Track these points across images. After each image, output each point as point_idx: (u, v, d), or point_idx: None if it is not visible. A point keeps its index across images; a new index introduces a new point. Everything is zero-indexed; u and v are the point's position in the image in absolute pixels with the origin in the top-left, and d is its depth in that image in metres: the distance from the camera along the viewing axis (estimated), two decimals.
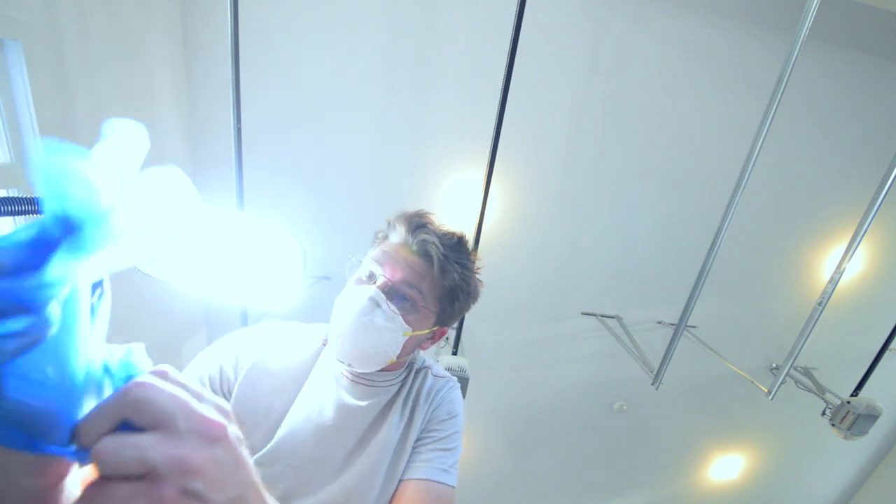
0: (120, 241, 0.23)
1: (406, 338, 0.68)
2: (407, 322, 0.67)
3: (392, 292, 0.67)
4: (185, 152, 2.25)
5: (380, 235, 0.74)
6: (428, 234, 0.67)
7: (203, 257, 0.49)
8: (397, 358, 0.69)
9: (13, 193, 1.39)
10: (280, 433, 0.66)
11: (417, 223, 0.68)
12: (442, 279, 0.68)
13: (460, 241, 0.71)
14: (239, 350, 0.71)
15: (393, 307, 0.66)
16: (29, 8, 1.33)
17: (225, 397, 0.67)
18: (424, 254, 0.67)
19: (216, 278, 0.50)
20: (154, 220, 0.23)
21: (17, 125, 1.36)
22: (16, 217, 0.59)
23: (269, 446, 0.65)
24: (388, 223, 0.73)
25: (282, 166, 2.34)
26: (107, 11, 1.62)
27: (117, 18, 1.68)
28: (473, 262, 0.73)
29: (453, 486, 0.69)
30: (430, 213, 0.71)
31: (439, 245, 0.67)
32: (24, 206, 0.40)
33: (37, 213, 0.41)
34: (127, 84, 1.77)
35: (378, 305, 0.65)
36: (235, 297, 0.52)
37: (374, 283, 0.67)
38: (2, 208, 0.38)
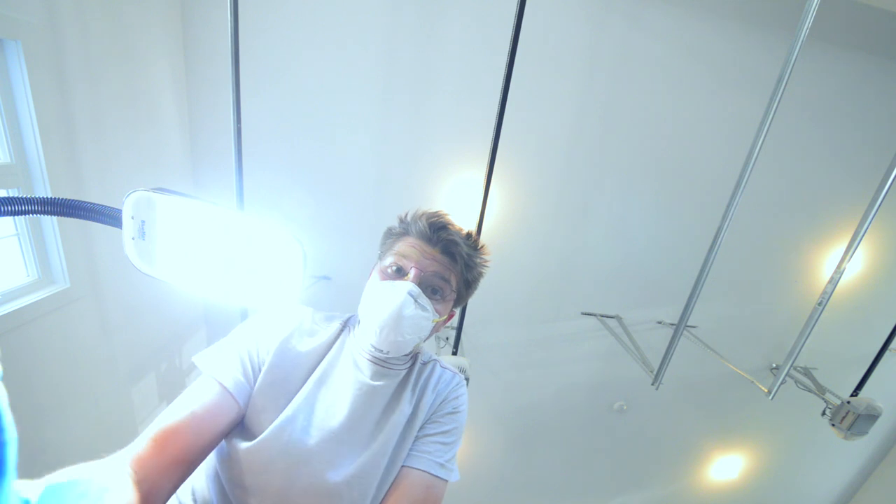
0: None
1: (434, 324, 0.77)
2: (436, 311, 0.76)
3: (423, 285, 0.75)
4: (185, 152, 2.25)
5: (395, 231, 0.81)
6: (451, 234, 0.76)
7: (203, 257, 0.49)
8: (424, 341, 0.78)
9: (13, 193, 1.39)
10: (294, 404, 0.71)
11: (439, 223, 0.77)
12: (466, 273, 0.78)
13: (470, 237, 0.82)
14: (269, 331, 0.77)
15: (427, 301, 0.74)
16: (29, 8, 1.33)
17: (255, 371, 0.73)
18: (449, 251, 0.76)
19: (216, 278, 0.50)
20: None
21: (17, 125, 1.36)
22: (16, 217, 0.59)
23: (283, 415, 0.70)
24: (403, 221, 0.81)
25: (282, 165, 2.35)
26: (107, 11, 1.62)
27: (117, 18, 1.68)
28: (483, 256, 0.83)
29: (446, 481, 0.75)
30: (447, 214, 0.80)
31: (462, 244, 0.77)
32: (24, 206, 0.40)
33: (35, 213, 0.41)
34: (127, 84, 1.77)
35: (415, 299, 0.73)
36: (235, 297, 0.52)
37: (405, 277, 0.75)
38: (2, 208, 0.38)
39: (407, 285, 0.72)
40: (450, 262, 0.76)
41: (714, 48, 2.34)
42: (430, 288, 0.75)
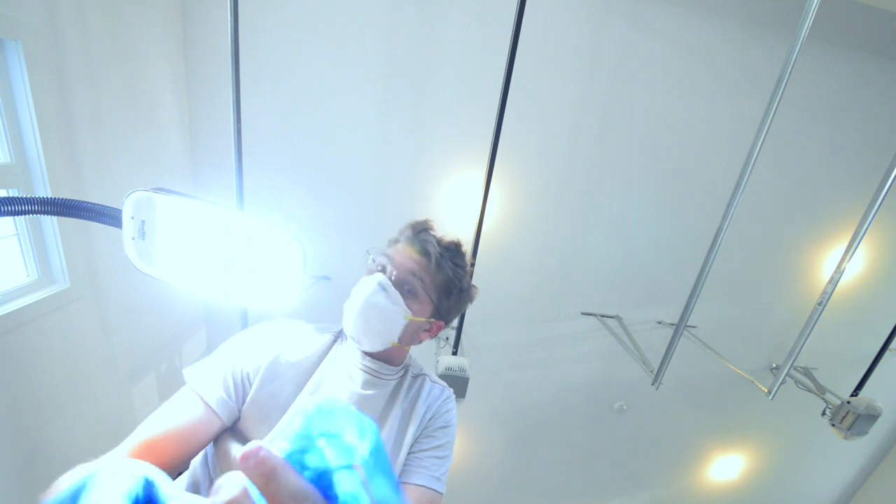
0: None
1: (407, 321, 0.77)
2: (409, 307, 0.77)
3: (397, 282, 0.77)
4: (185, 152, 2.25)
5: (392, 240, 0.86)
6: (428, 236, 0.80)
7: (203, 257, 0.49)
8: (399, 341, 0.78)
9: (13, 193, 1.39)
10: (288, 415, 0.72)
11: (421, 228, 0.81)
12: (437, 272, 0.79)
13: (457, 245, 0.84)
14: (260, 345, 0.78)
15: (396, 293, 0.76)
16: (29, 8, 1.33)
17: (243, 387, 0.74)
18: (425, 251, 0.79)
19: (216, 278, 0.50)
20: None
21: (17, 125, 1.36)
22: (16, 217, 0.60)
23: (277, 427, 0.70)
24: (400, 231, 0.85)
25: (282, 165, 2.35)
26: (107, 11, 1.62)
27: (117, 18, 1.68)
28: (466, 264, 0.84)
29: (443, 494, 0.78)
30: (432, 221, 0.84)
31: (437, 245, 0.79)
32: (24, 206, 0.40)
33: (35, 213, 0.41)
34: (127, 84, 1.77)
35: (384, 289, 0.76)
36: (236, 298, 0.52)
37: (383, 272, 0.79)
38: (2, 208, 0.38)
39: (378, 276, 0.77)
40: (425, 262, 0.79)
41: (714, 48, 2.34)
42: (402, 284, 0.78)
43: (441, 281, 0.80)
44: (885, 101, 2.51)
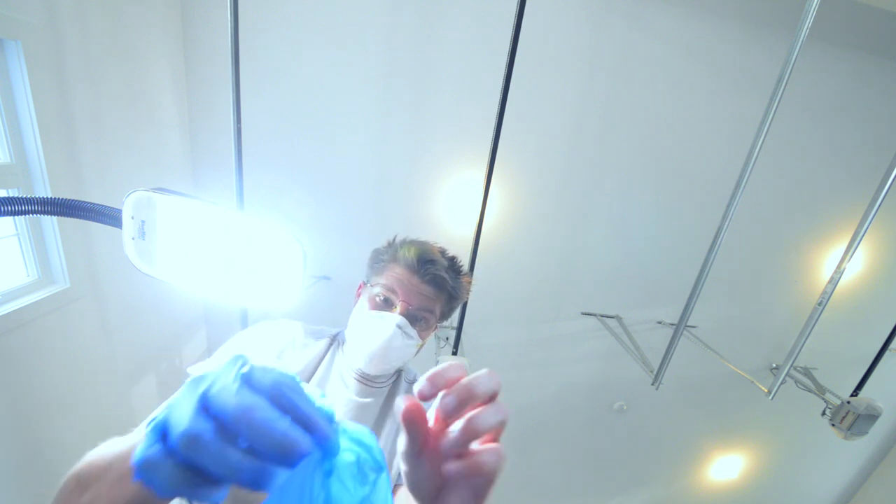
0: None
1: (418, 347, 0.81)
2: (420, 336, 0.81)
3: (409, 316, 0.78)
4: (185, 152, 2.25)
5: (384, 257, 0.83)
6: (438, 268, 0.79)
7: (203, 257, 0.49)
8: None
9: (13, 193, 1.39)
10: None
11: (427, 257, 0.79)
12: (451, 302, 0.83)
13: (454, 259, 0.84)
14: (263, 345, 0.80)
15: (413, 331, 0.79)
16: (29, 8, 1.33)
17: None
18: (435, 284, 0.79)
19: (216, 278, 0.50)
20: None
21: (17, 125, 1.36)
22: (16, 217, 0.59)
23: None
24: (391, 245, 0.83)
25: (282, 165, 2.35)
26: (107, 11, 1.62)
27: (117, 18, 1.68)
28: (463, 271, 0.85)
29: None
30: (433, 244, 0.83)
31: (448, 279, 0.80)
32: (24, 206, 0.40)
33: (35, 213, 0.41)
34: (127, 84, 1.77)
35: (403, 331, 0.77)
36: (236, 298, 0.52)
37: (393, 308, 0.78)
38: (2, 208, 0.38)
39: (395, 318, 0.77)
40: (436, 294, 0.80)
41: (714, 48, 2.34)
42: (416, 319, 0.79)
43: (454, 305, 0.84)
44: (885, 101, 2.51)
